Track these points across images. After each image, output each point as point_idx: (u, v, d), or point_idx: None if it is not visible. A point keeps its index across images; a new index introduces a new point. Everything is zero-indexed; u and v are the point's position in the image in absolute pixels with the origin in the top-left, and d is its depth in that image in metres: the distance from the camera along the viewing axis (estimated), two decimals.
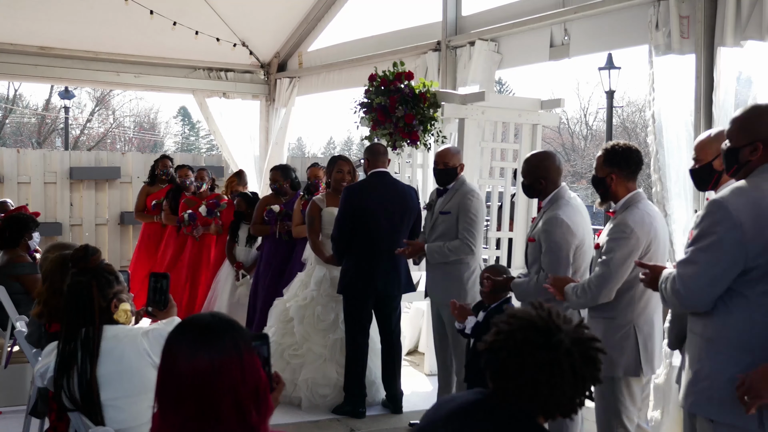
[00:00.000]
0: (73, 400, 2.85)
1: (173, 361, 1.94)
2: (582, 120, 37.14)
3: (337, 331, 5.77)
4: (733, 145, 2.81)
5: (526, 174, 4.25)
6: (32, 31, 8.52)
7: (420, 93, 6.01)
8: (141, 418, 2.86)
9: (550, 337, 1.94)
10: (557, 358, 1.92)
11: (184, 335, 1.97)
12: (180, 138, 43.92)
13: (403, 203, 5.60)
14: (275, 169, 7.04)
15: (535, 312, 2.02)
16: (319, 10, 9.05)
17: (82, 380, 2.84)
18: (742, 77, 4.69)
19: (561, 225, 4.01)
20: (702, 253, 2.69)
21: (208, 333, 1.94)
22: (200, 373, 1.88)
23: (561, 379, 1.92)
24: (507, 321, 2.02)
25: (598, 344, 2.01)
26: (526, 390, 1.94)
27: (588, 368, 1.96)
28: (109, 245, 10.12)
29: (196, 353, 1.90)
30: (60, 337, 2.97)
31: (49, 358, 3.03)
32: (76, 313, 2.93)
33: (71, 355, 2.88)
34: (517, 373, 1.94)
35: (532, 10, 6.41)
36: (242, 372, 1.91)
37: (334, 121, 65.98)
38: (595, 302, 3.69)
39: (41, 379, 3.07)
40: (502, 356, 1.97)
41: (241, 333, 1.97)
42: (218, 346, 1.91)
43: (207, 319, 1.98)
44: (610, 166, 3.71)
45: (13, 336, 4.95)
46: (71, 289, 2.98)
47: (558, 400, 1.94)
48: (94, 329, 2.91)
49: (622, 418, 3.70)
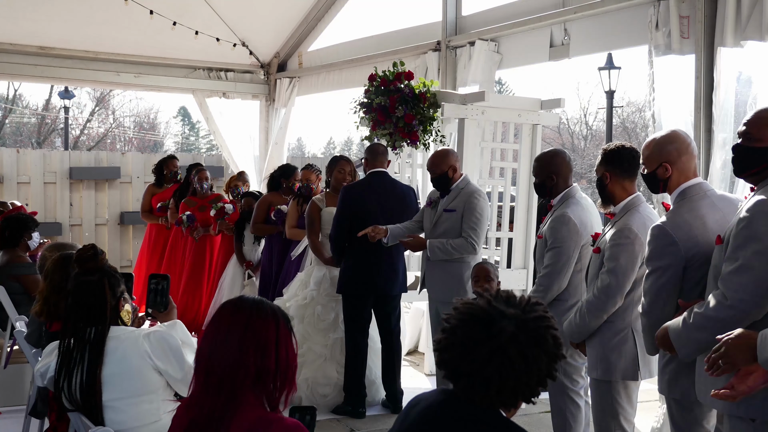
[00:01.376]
0: (73, 400, 2.85)
1: (211, 336, 2.15)
2: (582, 120, 37.14)
3: (337, 331, 5.77)
4: (760, 144, 2.78)
5: (537, 172, 4.25)
6: (32, 31, 8.52)
7: (420, 93, 6.01)
8: (141, 419, 2.86)
9: (490, 327, 1.87)
10: (502, 348, 1.85)
11: (224, 312, 2.19)
12: (180, 138, 43.91)
13: (402, 203, 5.60)
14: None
15: (477, 302, 1.95)
16: (319, 10, 9.05)
17: (86, 380, 2.84)
18: (742, 77, 4.70)
19: (568, 223, 4.03)
20: (760, 257, 2.65)
21: (248, 310, 2.16)
22: (232, 346, 2.09)
23: (511, 368, 1.85)
24: (451, 316, 1.97)
25: (549, 322, 1.91)
26: (479, 386, 1.88)
27: (540, 348, 1.87)
28: (108, 245, 10.11)
29: (231, 328, 2.13)
30: (61, 337, 2.97)
31: (50, 358, 3.03)
32: (86, 312, 2.92)
33: (74, 354, 2.88)
34: (467, 370, 1.89)
35: (532, 10, 6.42)
36: (276, 338, 2.13)
37: (334, 121, 65.91)
38: (606, 314, 3.65)
39: (41, 379, 3.07)
40: (449, 356, 1.92)
41: (282, 314, 2.21)
42: (256, 324, 2.13)
43: (249, 300, 2.22)
44: (605, 165, 3.73)
45: (13, 336, 4.95)
46: (81, 288, 2.97)
47: (514, 388, 1.88)
48: (104, 329, 2.90)
49: (620, 420, 3.69)
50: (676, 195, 3.26)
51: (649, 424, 4.96)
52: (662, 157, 3.26)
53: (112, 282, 3.01)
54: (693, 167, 3.29)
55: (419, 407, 2.02)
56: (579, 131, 36.88)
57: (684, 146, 3.28)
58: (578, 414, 4.14)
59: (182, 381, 2.87)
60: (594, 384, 3.76)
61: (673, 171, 3.24)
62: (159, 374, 2.88)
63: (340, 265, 5.65)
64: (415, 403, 2.06)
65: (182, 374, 2.87)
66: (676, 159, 3.25)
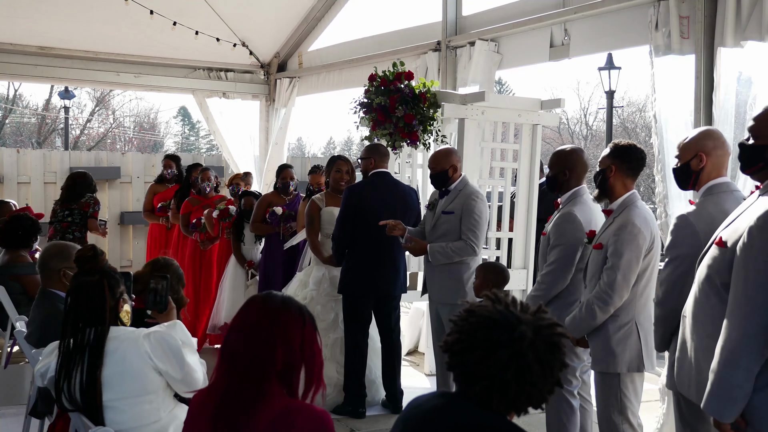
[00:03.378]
0: (73, 400, 2.85)
1: (239, 326, 2.21)
2: (582, 120, 37.15)
3: (337, 331, 5.77)
4: (760, 142, 2.80)
5: (552, 165, 4.25)
6: (32, 31, 8.53)
7: (420, 93, 6.01)
8: (141, 419, 2.86)
9: (512, 331, 1.86)
10: (522, 353, 1.85)
11: (254, 305, 2.25)
12: (180, 138, 43.91)
13: (404, 203, 5.61)
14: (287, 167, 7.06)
15: (493, 306, 1.94)
16: (319, 10, 9.05)
17: (86, 381, 2.83)
18: (743, 78, 4.69)
19: (573, 221, 4.05)
20: None
21: (278, 304, 2.22)
22: (259, 337, 2.16)
23: (530, 374, 1.86)
24: (466, 319, 1.94)
25: (560, 329, 1.92)
26: (495, 390, 1.87)
27: (554, 355, 1.89)
28: (109, 245, 10.11)
29: (260, 320, 2.19)
30: (61, 337, 2.97)
31: (50, 358, 3.03)
32: (86, 313, 2.92)
33: (74, 355, 2.88)
34: (484, 374, 1.87)
35: (532, 10, 6.42)
36: (302, 344, 2.18)
37: (334, 121, 66.00)
38: (615, 308, 3.67)
39: (41, 379, 3.07)
40: (466, 359, 1.90)
41: (310, 314, 2.27)
42: (284, 317, 2.19)
43: (280, 295, 2.28)
44: (612, 157, 3.77)
45: (13, 336, 4.95)
46: (80, 288, 2.97)
47: (528, 394, 1.89)
48: (104, 329, 2.90)
49: (627, 414, 3.73)
50: (704, 191, 3.28)
51: (650, 424, 4.95)
52: (698, 147, 3.29)
53: (112, 283, 3.00)
54: (725, 165, 3.31)
55: (420, 410, 2.00)
56: (579, 131, 36.89)
57: (719, 142, 3.32)
58: (572, 415, 4.16)
59: (182, 381, 2.87)
60: (599, 378, 3.78)
61: (707, 163, 3.27)
62: (159, 375, 2.88)
63: (341, 265, 5.65)
64: (415, 406, 2.04)
65: (182, 374, 2.87)
66: (711, 151, 3.27)
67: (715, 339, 2.72)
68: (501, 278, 4.55)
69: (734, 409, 2.62)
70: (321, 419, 2.14)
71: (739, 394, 2.60)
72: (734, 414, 2.63)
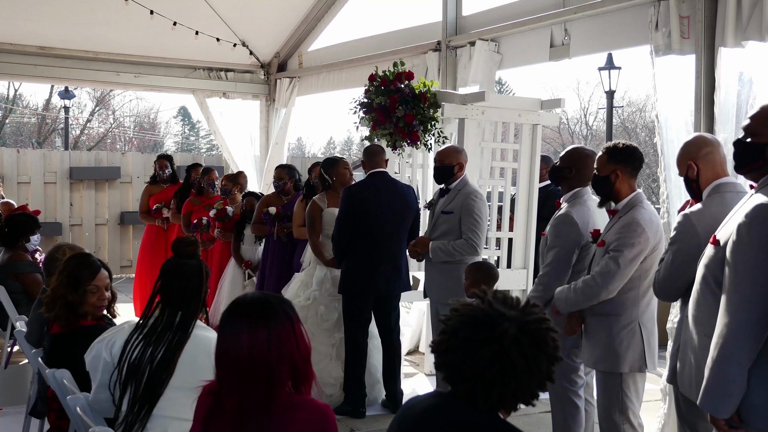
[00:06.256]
0: (135, 371, 2.83)
1: (235, 337, 2.15)
2: (582, 120, 37.16)
3: (341, 330, 5.76)
4: (758, 140, 2.80)
5: (564, 158, 4.24)
6: (32, 31, 8.52)
7: (420, 93, 6.01)
8: (185, 413, 2.83)
9: (493, 329, 1.85)
10: (505, 350, 1.83)
11: (241, 312, 2.18)
12: (180, 138, 43.91)
13: (403, 203, 5.61)
14: (281, 168, 7.04)
15: (476, 302, 1.93)
16: (319, 10, 9.05)
17: (161, 359, 2.84)
18: (743, 78, 4.69)
19: (570, 223, 4.05)
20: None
21: (264, 307, 2.17)
22: (261, 343, 2.12)
23: (513, 371, 1.84)
24: (450, 318, 1.94)
25: (549, 324, 1.90)
26: (480, 389, 1.86)
27: (541, 351, 1.87)
28: (108, 245, 10.13)
29: (255, 327, 2.13)
30: (147, 315, 2.97)
31: (119, 334, 3.00)
32: (180, 292, 2.94)
33: (163, 331, 2.89)
34: (468, 373, 1.86)
35: (532, 10, 6.42)
36: (296, 339, 2.18)
37: (334, 121, 65.99)
38: (597, 299, 3.67)
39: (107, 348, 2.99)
40: (450, 358, 1.90)
41: (290, 304, 2.24)
42: (274, 318, 2.16)
43: (259, 296, 2.23)
44: (615, 162, 3.74)
45: (13, 336, 4.95)
46: (180, 269, 2.98)
47: (515, 391, 1.87)
48: (196, 311, 2.95)
49: (629, 414, 3.73)
50: (709, 191, 3.28)
51: (651, 424, 4.95)
52: (686, 157, 3.33)
53: (207, 272, 3.04)
54: (719, 161, 3.31)
55: (415, 411, 2.00)
56: (579, 131, 36.89)
57: (703, 142, 3.34)
58: (577, 414, 4.15)
59: None
60: (601, 377, 3.78)
61: (699, 167, 3.29)
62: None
63: (341, 266, 5.65)
64: (410, 407, 2.04)
65: None
66: (698, 154, 3.30)
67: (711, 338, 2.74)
68: (489, 276, 4.54)
69: (729, 404, 2.64)
70: (323, 412, 2.16)
71: (734, 389, 2.62)
72: (730, 410, 2.64)
